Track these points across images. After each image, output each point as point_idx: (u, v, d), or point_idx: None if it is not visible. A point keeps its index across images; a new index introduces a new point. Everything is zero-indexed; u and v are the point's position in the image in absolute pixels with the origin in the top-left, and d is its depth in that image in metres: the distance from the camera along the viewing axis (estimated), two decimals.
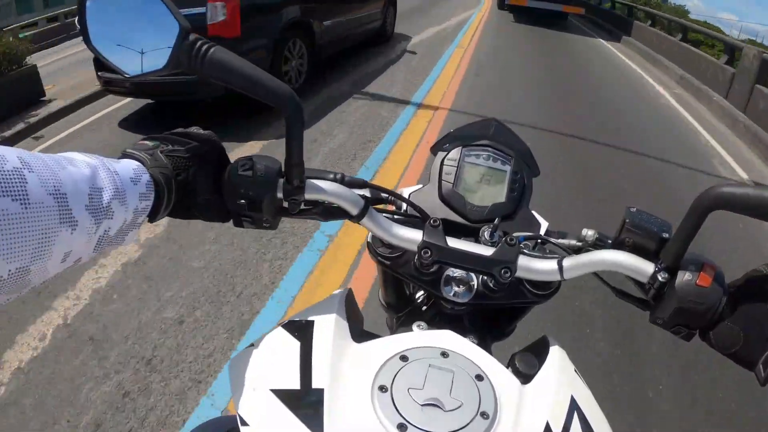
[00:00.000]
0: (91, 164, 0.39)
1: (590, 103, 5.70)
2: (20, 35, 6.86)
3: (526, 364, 0.50)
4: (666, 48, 8.61)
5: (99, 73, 4.03)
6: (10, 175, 0.32)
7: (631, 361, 1.94)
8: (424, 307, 0.66)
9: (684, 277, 0.47)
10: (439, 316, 0.62)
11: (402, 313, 0.70)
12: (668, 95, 6.64)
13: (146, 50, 0.45)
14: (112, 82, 3.95)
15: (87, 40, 0.45)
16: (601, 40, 10.97)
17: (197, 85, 3.67)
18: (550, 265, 0.52)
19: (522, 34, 9.80)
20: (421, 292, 0.71)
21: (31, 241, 0.33)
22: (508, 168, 0.63)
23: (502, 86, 5.76)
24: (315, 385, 0.43)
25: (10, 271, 0.32)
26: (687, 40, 8.34)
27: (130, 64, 0.46)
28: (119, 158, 0.45)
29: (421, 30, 8.46)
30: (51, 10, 14.51)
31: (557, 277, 0.53)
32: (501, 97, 5.31)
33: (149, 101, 4.54)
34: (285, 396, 0.42)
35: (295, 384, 0.43)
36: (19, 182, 0.32)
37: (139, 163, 0.45)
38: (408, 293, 0.73)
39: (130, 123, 4.33)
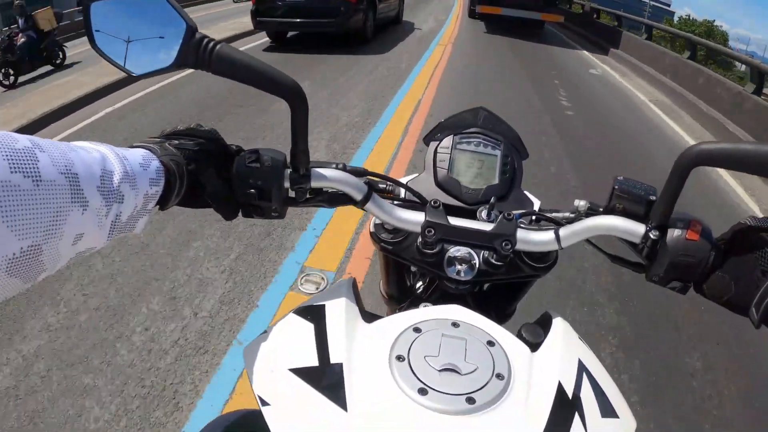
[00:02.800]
0: (100, 150, 0.40)
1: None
2: None
3: (532, 334, 0.52)
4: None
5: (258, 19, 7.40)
6: (21, 153, 0.32)
7: None
8: (426, 295, 0.68)
9: (674, 233, 0.50)
10: (444, 297, 0.63)
11: (403, 303, 0.71)
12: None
13: (153, 49, 0.46)
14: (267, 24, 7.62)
15: (92, 43, 0.47)
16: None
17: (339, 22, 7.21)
18: (548, 235, 0.55)
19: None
20: (422, 282, 0.73)
21: (43, 219, 0.33)
22: (498, 152, 0.66)
23: None
24: (333, 360, 0.44)
25: (22, 248, 0.32)
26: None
27: (136, 64, 0.47)
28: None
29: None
30: None
31: (555, 247, 0.55)
32: None
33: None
34: (304, 373, 0.43)
35: (313, 361, 0.44)
36: (31, 160, 0.33)
37: (147, 151, 0.46)
38: (409, 284, 0.75)
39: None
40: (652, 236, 0.51)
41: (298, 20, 7.30)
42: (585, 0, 13.14)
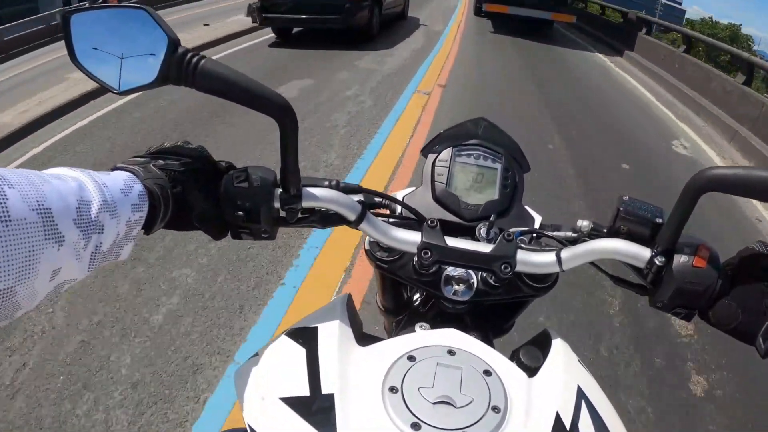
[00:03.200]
0: (77, 178, 0.39)
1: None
2: None
3: (530, 358, 0.51)
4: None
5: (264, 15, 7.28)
6: None
7: None
8: (423, 309, 0.66)
9: (680, 259, 0.48)
10: (441, 316, 0.62)
11: (401, 316, 0.70)
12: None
13: (135, 64, 0.44)
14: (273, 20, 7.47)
15: (73, 58, 0.45)
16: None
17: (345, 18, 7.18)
18: (549, 257, 0.53)
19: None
20: (419, 295, 0.71)
21: (15, 261, 0.31)
22: (498, 166, 0.64)
23: None
24: (325, 390, 0.42)
25: None
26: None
27: (118, 80, 0.45)
28: (110, 171, 0.45)
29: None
30: None
31: (556, 269, 0.53)
32: None
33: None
34: (295, 403, 0.42)
35: (304, 391, 0.43)
36: None
37: (130, 174, 0.44)
38: (406, 296, 0.74)
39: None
40: (657, 262, 0.49)
41: (304, 16, 7.31)
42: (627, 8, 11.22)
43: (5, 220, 0.31)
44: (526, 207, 0.65)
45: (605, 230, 0.55)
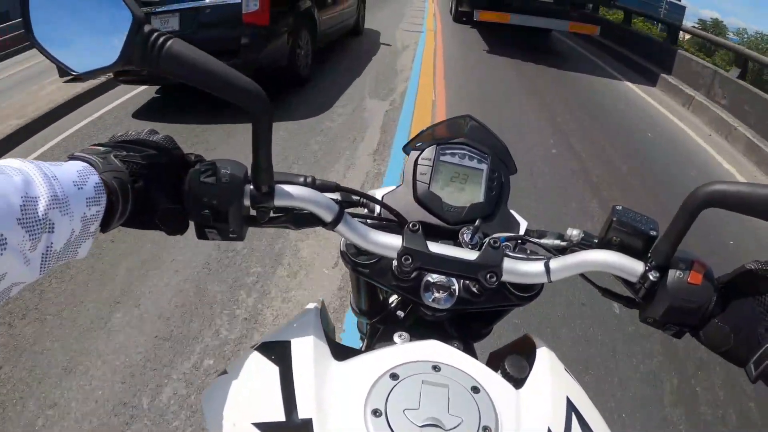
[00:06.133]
0: (24, 171, 0.35)
1: None
2: None
3: (516, 368, 0.48)
4: None
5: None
6: None
7: None
8: (399, 311, 0.63)
9: (675, 275, 0.46)
10: (419, 323, 0.59)
11: (376, 318, 0.67)
12: None
13: (96, 44, 0.40)
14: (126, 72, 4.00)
15: (30, 35, 0.41)
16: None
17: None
18: (537, 267, 0.51)
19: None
20: (395, 296, 0.68)
21: None
22: (485, 167, 0.61)
23: None
24: (302, 414, 0.39)
25: None
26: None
27: (78, 61, 0.41)
28: (66, 160, 0.41)
29: None
30: None
31: (544, 280, 0.51)
32: None
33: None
34: (269, 429, 0.39)
35: (279, 415, 0.40)
36: None
37: (86, 164, 0.40)
38: (382, 298, 0.71)
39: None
40: (651, 277, 0.47)
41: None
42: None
43: None
44: (512, 211, 0.62)
45: (596, 240, 0.53)
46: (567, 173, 3.66)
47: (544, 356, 0.50)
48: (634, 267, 0.48)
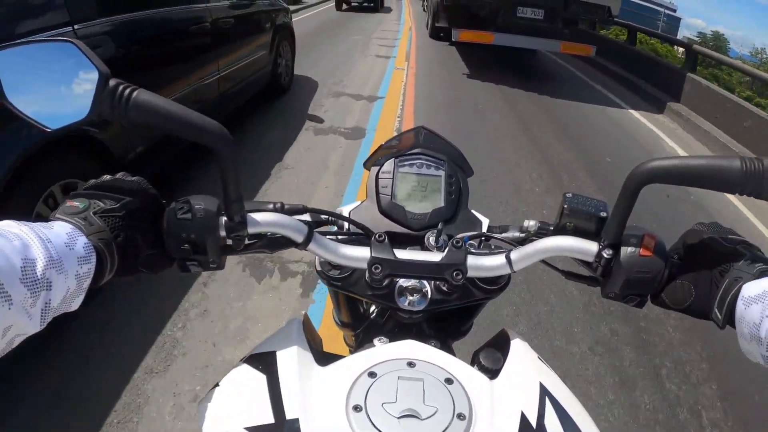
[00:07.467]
0: (21, 235, 0.38)
1: None
2: None
3: (490, 360, 0.51)
4: None
5: None
6: None
7: None
8: (380, 321, 0.66)
9: (627, 250, 0.49)
10: (398, 327, 0.62)
11: (359, 329, 0.70)
12: None
13: (66, 99, 0.43)
14: None
15: (4, 98, 0.43)
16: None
17: None
18: (499, 260, 0.54)
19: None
20: (375, 307, 0.71)
21: None
22: (442, 173, 0.65)
23: None
24: (289, 416, 0.42)
25: None
26: None
27: (50, 117, 0.44)
28: (50, 221, 0.44)
29: None
30: None
31: (507, 271, 0.54)
32: None
33: None
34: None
35: (268, 418, 0.42)
36: None
37: (72, 226, 0.43)
38: (362, 309, 0.74)
39: None
40: (605, 255, 0.50)
41: None
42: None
43: None
44: (473, 211, 0.66)
45: (552, 228, 0.57)
46: None
47: (518, 347, 0.53)
48: (589, 248, 0.51)
